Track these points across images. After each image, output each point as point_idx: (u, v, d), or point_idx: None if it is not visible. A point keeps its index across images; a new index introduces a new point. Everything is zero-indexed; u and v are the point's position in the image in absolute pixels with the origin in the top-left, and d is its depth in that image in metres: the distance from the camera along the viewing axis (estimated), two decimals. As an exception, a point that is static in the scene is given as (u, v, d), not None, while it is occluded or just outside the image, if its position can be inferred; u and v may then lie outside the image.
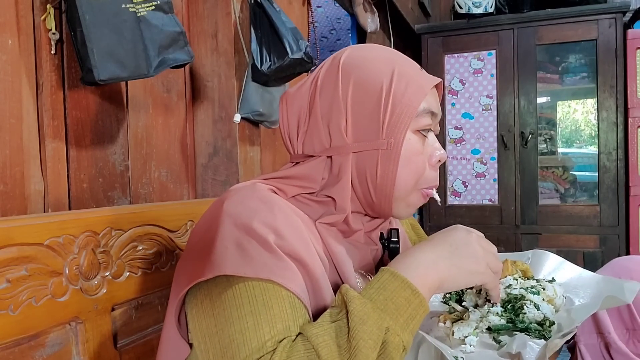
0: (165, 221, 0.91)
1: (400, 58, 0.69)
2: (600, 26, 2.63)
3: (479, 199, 2.85)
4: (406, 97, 0.64)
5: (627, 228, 2.59)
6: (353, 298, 0.52)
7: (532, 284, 0.71)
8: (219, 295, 0.56)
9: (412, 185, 0.66)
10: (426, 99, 0.66)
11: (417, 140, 0.66)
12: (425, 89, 0.65)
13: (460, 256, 0.59)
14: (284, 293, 0.55)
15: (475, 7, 2.79)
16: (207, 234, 0.60)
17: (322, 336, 0.50)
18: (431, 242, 0.60)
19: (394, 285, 0.54)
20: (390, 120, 0.64)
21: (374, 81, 0.65)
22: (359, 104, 0.65)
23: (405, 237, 0.84)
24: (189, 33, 1.36)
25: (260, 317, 0.53)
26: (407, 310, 0.53)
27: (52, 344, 0.70)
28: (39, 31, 0.94)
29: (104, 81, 0.90)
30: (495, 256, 0.63)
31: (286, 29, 1.34)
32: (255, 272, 0.55)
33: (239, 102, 1.36)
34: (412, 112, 0.64)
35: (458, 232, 0.62)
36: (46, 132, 0.95)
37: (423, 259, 0.57)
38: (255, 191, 0.63)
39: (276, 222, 0.59)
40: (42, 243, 0.69)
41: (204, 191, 1.40)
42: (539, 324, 0.63)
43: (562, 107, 3.18)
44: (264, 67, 1.31)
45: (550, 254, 0.81)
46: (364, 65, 0.67)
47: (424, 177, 0.67)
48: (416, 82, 0.65)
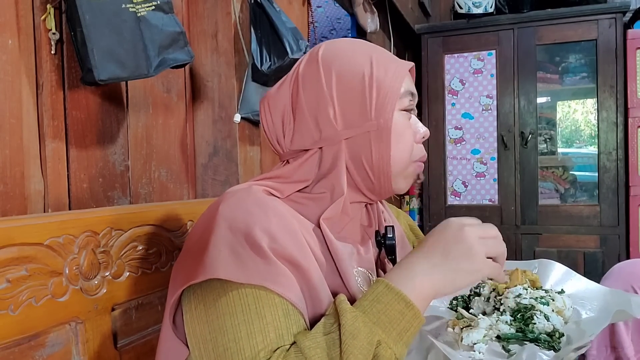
0: (165, 221, 0.91)
1: (375, 47, 0.73)
2: (600, 26, 2.63)
3: (479, 199, 2.85)
4: (388, 80, 0.68)
5: (627, 228, 2.58)
6: (345, 311, 0.53)
7: (542, 294, 0.70)
8: (213, 302, 0.57)
9: (407, 159, 0.70)
10: (405, 82, 0.70)
11: (404, 118, 0.70)
12: (403, 72, 0.70)
13: (454, 258, 0.58)
14: (277, 300, 0.55)
15: (475, 7, 2.79)
16: (203, 236, 0.61)
17: (315, 349, 0.51)
18: (424, 248, 0.60)
19: (388, 297, 0.54)
20: (377, 103, 0.67)
21: (355, 69, 0.68)
22: (345, 92, 0.67)
23: (403, 236, 0.83)
24: (189, 33, 1.36)
25: (253, 326, 0.54)
26: (400, 323, 0.53)
27: (52, 344, 0.70)
28: (39, 31, 0.94)
29: (104, 81, 0.90)
30: (495, 239, 0.62)
31: (286, 29, 1.34)
32: (247, 278, 0.55)
33: (239, 102, 1.36)
34: (396, 93, 0.68)
35: (449, 230, 0.61)
36: (46, 132, 0.95)
37: (418, 269, 0.57)
38: (250, 194, 0.63)
39: (271, 225, 0.59)
40: (42, 243, 0.68)
41: (204, 191, 1.40)
42: (549, 335, 0.63)
43: (562, 107, 3.18)
44: (264, 67, 1.31)
45: (556, 264, 0.81)
46: (343, 55, 0.69)
47: (413, 151, 0.71)
48: (393, 67, 0.69)
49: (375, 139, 0.67)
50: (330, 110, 0.67)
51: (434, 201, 2.48)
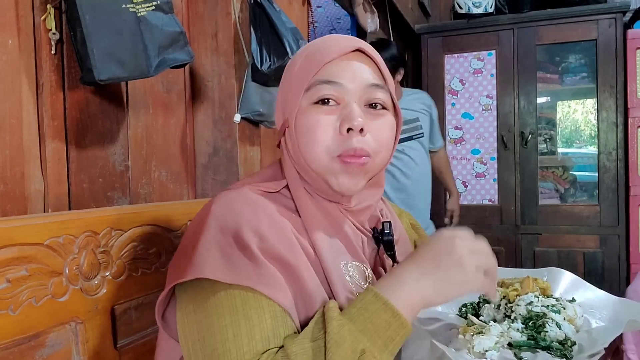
0: (165, 221, 0.91)
1: (321, 40, 0.71)
2: (600, 26, 2.63)
3: (479, 199, 2.85)
4: (298, 74, 0.67)
5: (627, 228, 2.59)
6: (331, 319, 0.53)
7: (553, 302, 0.70)
8: (202, 303, 0.57)
9: (323, 156, 0.65)
10: (328, 71, 0.65)
11: (315, 112, 0.65)
12: (323, 60, 0.65)
13: (444, 268, 0.57)
14: (264, 302, 0.56)
15: (475, 7, 2.79)
16: (195, 236, 0.61)
17: (302, 355, 0.51)
18: (415, 257, 0.60)
19: (375, 306, 0.55)
20: (286, 99, 0.68)
21: (290, 66, 0.71)
22: (280, 88, 0.72)
23: (404, 234, 0.83)
24: (189, 33, 1.36)
25: (239, 328, 0.54)
26: (386, 332, 0.54)
27: (52, 344, 0.70)
28: (39, 31, 0.94)
29: (104, 81, 0.90)
30: (486, 253, 0.61)
31: (286, 29, 1.34)
32: (235, 279, 0.56)
33: (239, 102, 1.36)
34: (300, 88, 0.66)
35: (441, 242, 0.60)
36: (46, 132, 0.95)
37: (407, 278, 0.57)
38: (241, 194, 0.64)
39: (261, 225, 0.60)
40: (42, 243, 0.69)
41: (204, 191, 1.40)
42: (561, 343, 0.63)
43: (562, 107, 3.18)
44: (264, 67, 1.31)
45: (565, 272, 0.81)
46: (296, 54, 0.72)
47: (332, 145, 0.64)
48: (319, 57, 0.66)
49: (288, 135, 0.68)
50: (277, 107, 0.72)
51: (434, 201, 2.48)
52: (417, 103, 2.31)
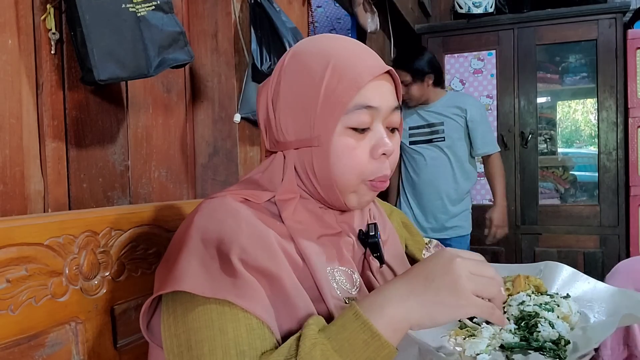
0: (165, 221, 0.91)
1: (341, 50, 0.66)
2: (600, 26, 2.63)
3: (479, 199, 2.84)
4: (336, 93, 0.63)
5: (627, 228, 2.59)
6: (305, 337, 0.52)
7: (546, 299, 0.68)
8: (182, 316, 0.57)
9: (354, 179, 0.65)
10: (363, 94, 0.63)
11: (350, 136, 0.64)
12: (360, 83, 0.63)
13: (435, 289, 0.54)
14: (240, 315, 0.55)
15: (475, 7, 2.79)
16: (177, 246, 0.61)
17: None
18: (408, 275, 0.58)
19: (354, 326, 0.53)
20: (319, 117, 0.63)
21: (308, 76, 0.65)
22: (294, 100, 0.65)
23: (394, 234, 0.82)
24: (189, 33, 1.36)
25: (215, 342, 0.54)
26: (364, 352, 0.52)
27: (52, 344, 0.70)
28: (39, 31, 0.94)
29: (104, 81, 0.90)
30: (490, 280, 0.57)
31: (286, 29, 1.34)
32: (213, 292, 0.55)
33: (239, 102, 1.36)
34: (341, 109, 0.62)
35: (439, 260, 0.57)
36: (46, 132, 0.95)
37: (394, 296, 0.55)
38: (223, 204, 0.63)
39: (242, 236, 0.59)
40: (42, 243, 0.69)
41: (204, 191, 1.40)
42: (554, 343, 0.61)
43: (562, 107, 3.18)
44: (264, 67, 1.31)
45: (563, 266, 0.78)
46: (302, 61, 0.67)
47: (366, 170, 0.65)
48: (351, 76, 0.63)
49: (316, 154, 0.64)
50: (283, 117, 0.66)
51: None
52: (450, 107, 2.27)
